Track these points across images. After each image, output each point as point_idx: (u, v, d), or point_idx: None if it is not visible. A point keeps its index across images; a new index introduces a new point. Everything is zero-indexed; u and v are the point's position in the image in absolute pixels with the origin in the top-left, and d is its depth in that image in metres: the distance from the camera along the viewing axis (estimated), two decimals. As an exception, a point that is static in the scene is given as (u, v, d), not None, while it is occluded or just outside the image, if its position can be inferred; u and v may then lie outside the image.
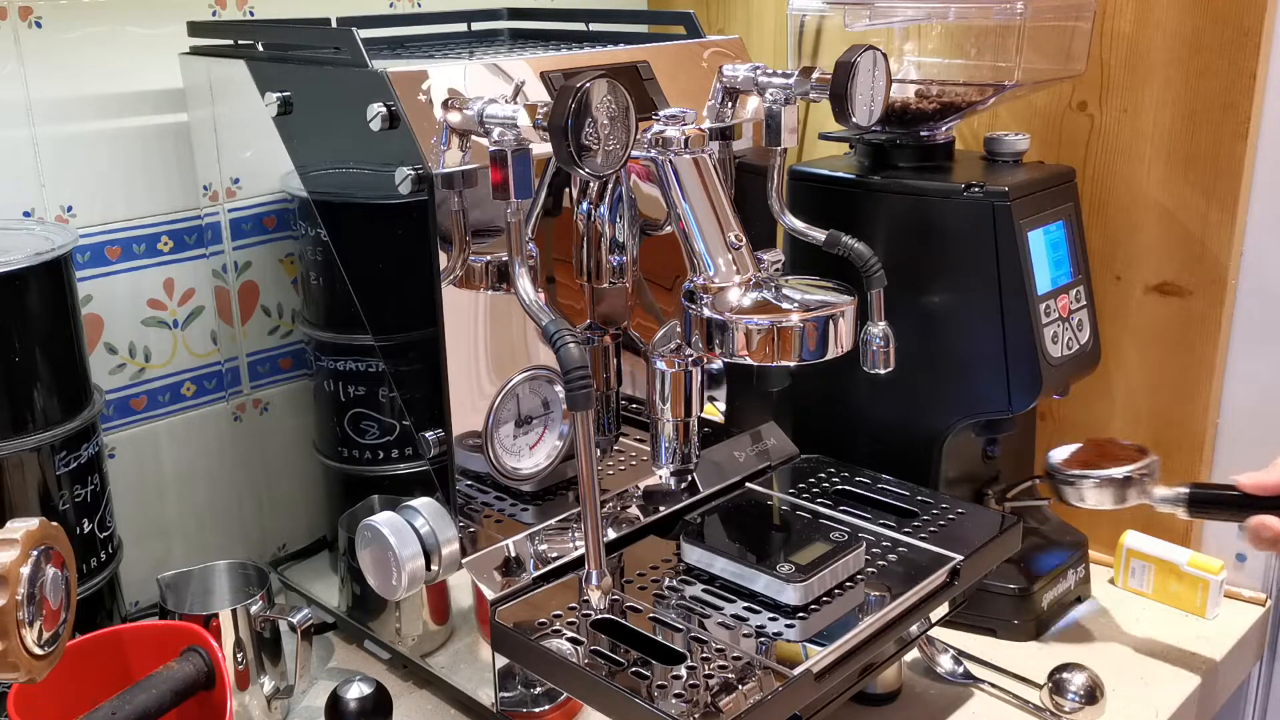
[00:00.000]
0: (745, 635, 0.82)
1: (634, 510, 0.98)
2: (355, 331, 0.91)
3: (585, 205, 0.87)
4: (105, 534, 0.93)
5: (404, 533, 0.84)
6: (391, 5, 1.24)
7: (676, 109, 0.83)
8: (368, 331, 0.90)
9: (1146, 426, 1.17)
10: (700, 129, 0.82)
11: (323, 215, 0.91)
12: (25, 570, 0.58)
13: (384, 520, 0.85)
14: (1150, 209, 1.13)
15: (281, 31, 1.03)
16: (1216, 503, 0.95)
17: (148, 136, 1.06)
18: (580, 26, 1.17)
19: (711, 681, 0.77)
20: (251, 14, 1.12)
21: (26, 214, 1.00)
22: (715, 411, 1.10)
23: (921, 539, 0.94)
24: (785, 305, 0.78)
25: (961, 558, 0.91)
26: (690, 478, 1.01)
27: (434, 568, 0.85)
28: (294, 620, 0.92)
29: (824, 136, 1.20)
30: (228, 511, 1.16)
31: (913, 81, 1.13)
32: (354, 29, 0.85)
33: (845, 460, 1.09)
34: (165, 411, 1.12)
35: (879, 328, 0.96)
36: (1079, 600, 1.13)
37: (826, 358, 0.79)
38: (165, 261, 1.09)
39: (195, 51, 1.02)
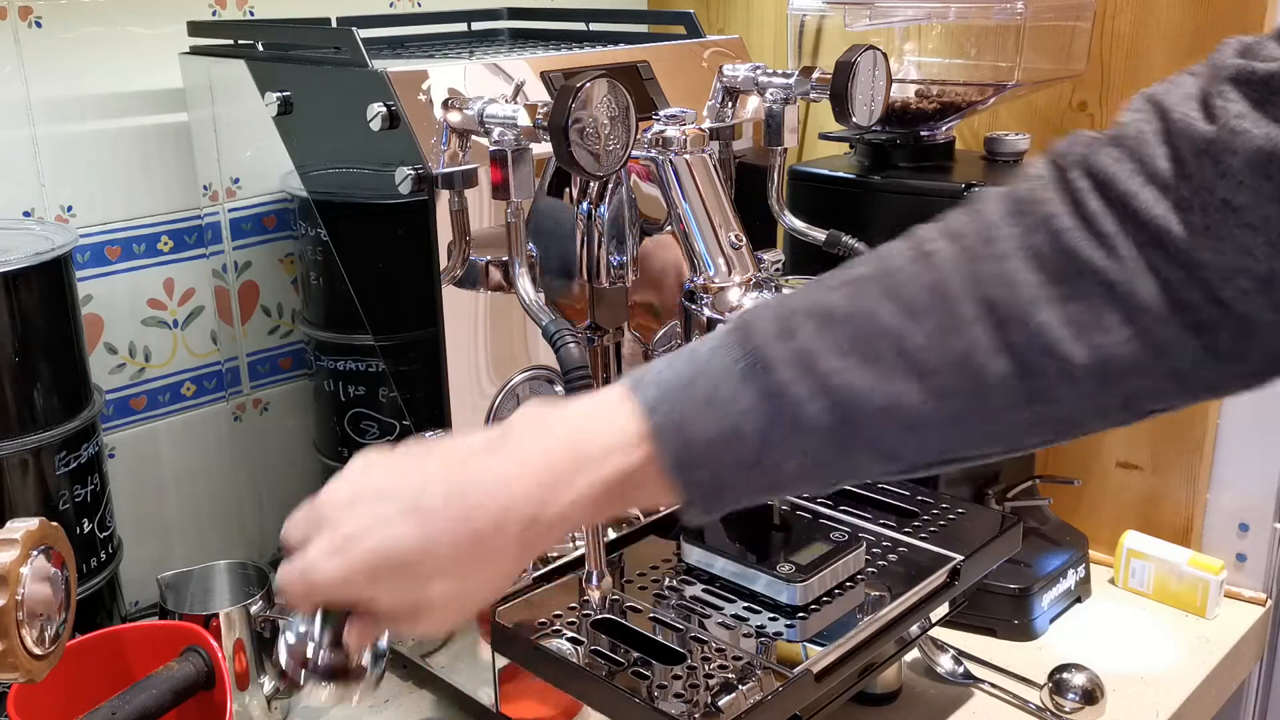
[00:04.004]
0: (745, 635, 0.82)
1: (634, 510, 0.98)
2: (355, 331, 0.91)
3: (585, 205, 0.87)
4: (105, 534, 0.93)
5: (404, 533, 0.84)
6: (391, 5, 1.24)
7: (676, 109, 0.83)
8: (368, 331, 0.90)
9: (1145, 427, 1.17)
10: (700, 129, 0.82)
11: (323, 215, 0.91)
12: (25, 570, 0.58)
13: (384, 520, 0.85)
14: (1150, 209, 1.13)
15: (281, 31, 1.03)
16: None
17: (148, 136, 1.06)
18: (580, 26, 1.17)
19: (711, 681, 0.77)
20: (251, 14, 1.12)
21: (26, 214, 1.00)
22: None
23: (921, 539, 0.94)
24: (785, 305, 0.78)
25: (961, 558, 0.91)
26: (690, 478, 1.01)
27: (434, 568, 0.85)
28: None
29: (824, 136, 1.20)
30: (228, 511, 1.16)
31: (913, 81, 1.13)
32: (354, 29, 0.85)
33: (845, 460, 1.09)
34: (165, 411, 1.12)
35: (879, 328, 0.95)
36: (1079, 600, 1.13)
37: (826, 358, 0.79)
38: (165, 261, 1.09)
39: (195, 51, 1.02)
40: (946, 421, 0.54)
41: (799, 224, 0.97)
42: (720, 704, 0.74)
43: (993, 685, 1.00)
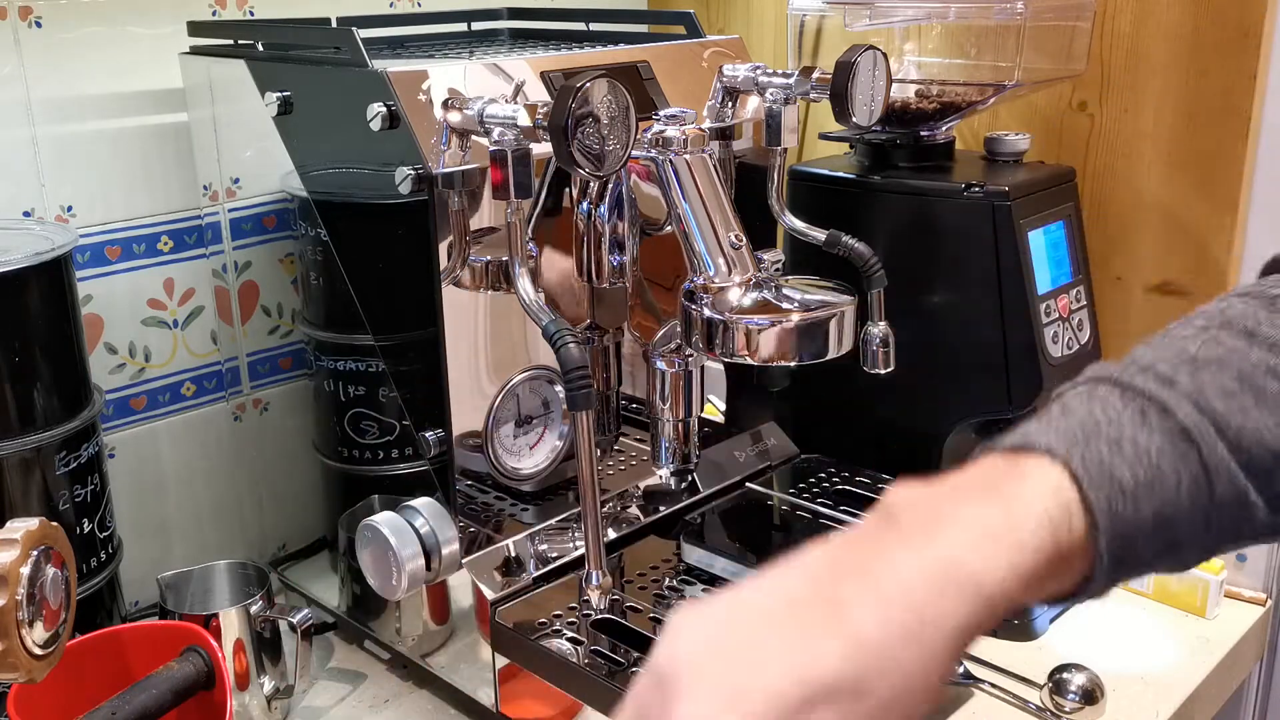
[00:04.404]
0: (745, 635, 0.82)
1: (634, 510, 0.98)
2: (355, 331, 0.91)
3: (585, 205, 0.87)
4: (105, 534, 0.93)
5: (404, 533, 0.84)
6: (391, 5, 1.24)
7: (676, 109, 0.83)
8: (368, 331, 0.90)
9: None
10: (700, 129, 0.82)
11: (323, 215, 0.91)
12: (25, 570, 0.58)
13: (384, 520, 0.85)
14: (1150, 209, 1.13)
15: (281, 31, 1.03)
16: None
17: (148, 136, 1.06)
18: (580, 26, 1.17)
19: (711, 681, 0.77)
20: (251, 14, 1.12)
21: (26, 214, 1.00)
22: (715, 411, 1.10)
23: (921, 539, 0.94)
24: (785, 305, 0.78)
25: (961, 558, 0.91)
26: (690, 478, 1.01)
27: (434, 568, 0.85)
28: (294, 620, 0.92)
29: (824, 136, 1.20)
30: (228, 511, 1.16)
31: (913, 81, 1.13)
32: (354, 29, 0.85)
33: (845, 460, 1.09)
34: (165, 411, 1.11)
35: (879, 328, 0.96)
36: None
37: (826, 358, 0.79)
38: (165, 261, 1.09)
39: (195, 51, 1.02)
40: None
41: (799, 224, 0.97)
42: (720, 704, 0.74)
43: (993, 685, 1.00)
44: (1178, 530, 0.51)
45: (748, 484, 1.05)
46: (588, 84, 0.73)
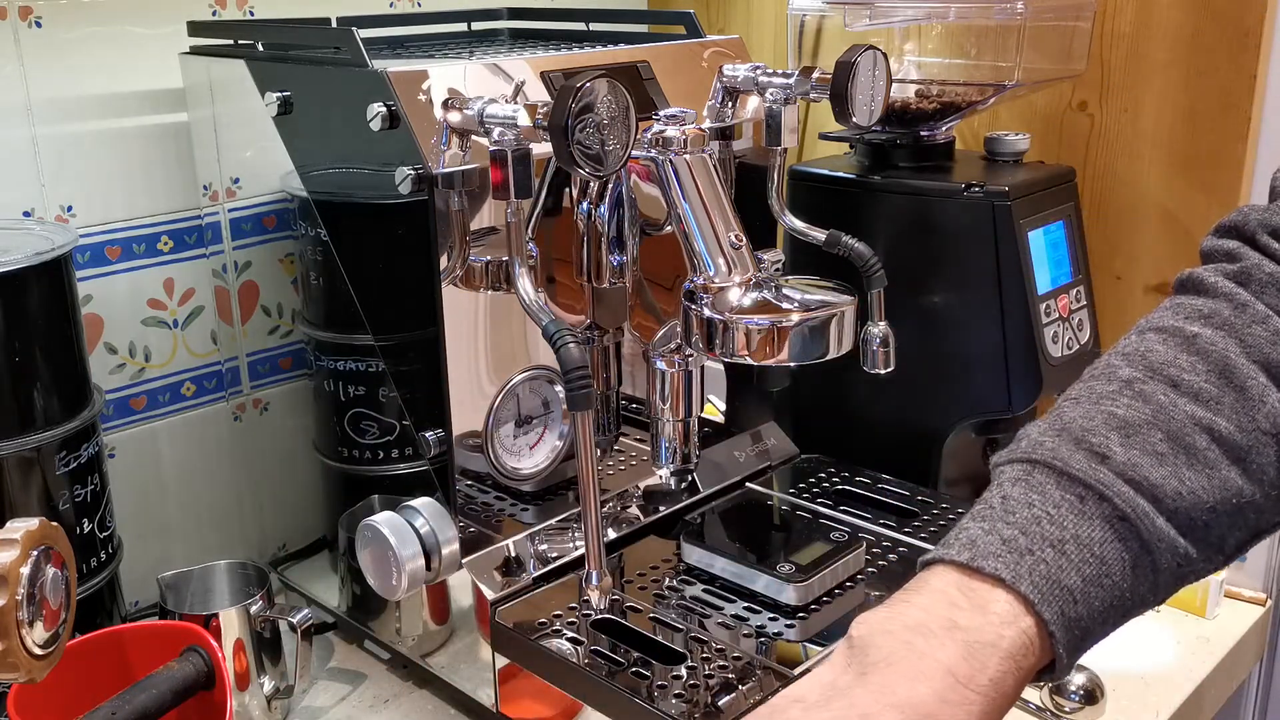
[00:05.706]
0: (745, 635, 0.82)
1: (634, 510, 0.98)
2: (355, 331, 0.91)
3: (585, 205, 0.87)
4: (105, 534, 0.93)
5: (404, 533, 0.84)
6: (391, 5, 1.24)
7: (676, 109, 0.83)
8: (368, 331, 0.90)
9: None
10: (700, 129, 0.82)
11: (323, 215, 0.91)
12: (25, 570, 0.58)
13: (384, 520, 0.85)
14: (1150, 209, 1.13)
15: (281, 31, 1.03)
16: None
17: (148, 136, 1.06)
18: (580, 26, 1.17)
19: (711, 681, 0.77)
20: (251, 14, 1.12)
21: (26, 214, 1.00)
22: (715, 411, 1.10)
23: (921, 539, 0.94)
24: (785, 305, 0.78)
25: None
26: (690, 478, 1.01)
27: (434, 568, 0.85)
28: (294, 620, 0.92)
29: (824, 136, 1.20)
30: (228, 511, 1.16)
31: (913, 81, 1.13)
32: (354, 29, 0.85)
33: (845, 460, 1.09)
34: (165, 411, 1.12)
35: (879, 328, 0.96)
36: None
37: (826, 358, 0.79)
38: (165, 261, 1.09)
39: (195, 51, 1.02)
40: (1271, 499, 0.54)
41: (799, 224, 0.97)
42: (720, 704, 0.74)
43: (993, 685, 0.99)
44: (1127, 604, 0.55)
45: (748, 484, 1.05)
46: (588, 84, 0.73)
